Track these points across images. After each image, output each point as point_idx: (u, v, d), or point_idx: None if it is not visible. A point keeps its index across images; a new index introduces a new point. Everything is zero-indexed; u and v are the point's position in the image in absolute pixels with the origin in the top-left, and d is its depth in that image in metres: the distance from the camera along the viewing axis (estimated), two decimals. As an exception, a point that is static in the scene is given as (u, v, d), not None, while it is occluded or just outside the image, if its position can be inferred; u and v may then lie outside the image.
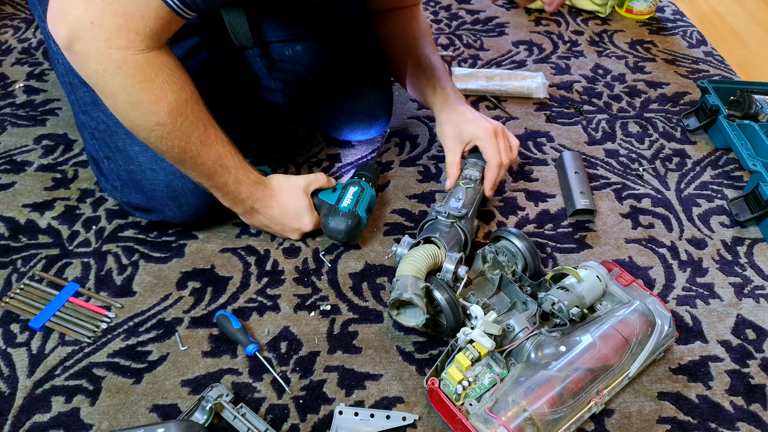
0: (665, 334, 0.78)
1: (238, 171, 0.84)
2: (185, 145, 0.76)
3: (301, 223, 0.92)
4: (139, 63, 0.68)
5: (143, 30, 0.66)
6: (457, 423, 0.69)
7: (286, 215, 0.91)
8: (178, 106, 0.72)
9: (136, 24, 0.65)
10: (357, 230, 0.92)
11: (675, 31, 1.57)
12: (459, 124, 0.97)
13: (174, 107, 0.72)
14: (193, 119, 0.75)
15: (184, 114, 0.74)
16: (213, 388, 0.74)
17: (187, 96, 0.74)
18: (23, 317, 0.83)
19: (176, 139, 0.75)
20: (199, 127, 0.76)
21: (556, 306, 0.77)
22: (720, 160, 1.17)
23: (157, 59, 0.69)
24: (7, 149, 1.09)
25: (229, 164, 0.82)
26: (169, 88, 0.71)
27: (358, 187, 0.95)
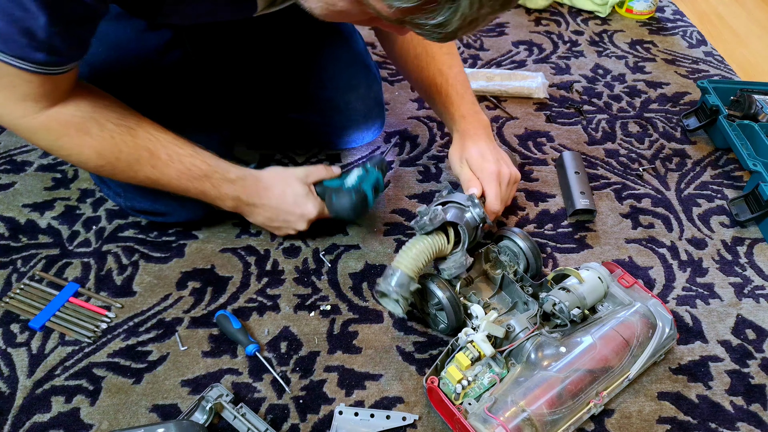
0: (666, 336, 0.78)
1: (213, 176, 0.82)
2: (137, 174, 0.78)
3: (304, 209, 0.88)
4: (44, 123, 0.71)
5: (29, 96, 0.68)
6: (455, 422, 0.69)
7: (285, 204, 0.87)
8: (104, 146, 0.74)
9: (18, 93, 0.68)
10: (363, 207, 0.89)
11: (675, 31, 1.58)
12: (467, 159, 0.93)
13: (100, 149, 0.74)
14: (130, 151, 0.75)
15: (115, 151, 0.74)
16: (213, 388, 0.74)
17: (113, 132, 0.74)
18: (23, 317, 0.83)
19: (125, 173, 0.77)
20: (141, 155, 0.76)
21: (557, 307, 0.77)
22: (720, 160, 1.17)
23: (61, 113, 0.71)
24: (7, 149, 1.09)
25: (197, 173, 0.80)
26: (87, 134, 0.72)
27: (363, 169, 0.91)
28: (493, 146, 0.93)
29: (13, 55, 0.63)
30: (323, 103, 1.04)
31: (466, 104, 0.95)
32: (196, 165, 0.80)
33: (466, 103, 0.95)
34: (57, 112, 0.71)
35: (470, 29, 0.53)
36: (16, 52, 0.62)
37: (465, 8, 0.49)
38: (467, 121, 0.94)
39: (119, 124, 0.75)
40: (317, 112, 1.05)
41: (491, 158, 0.90)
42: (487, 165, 0.89)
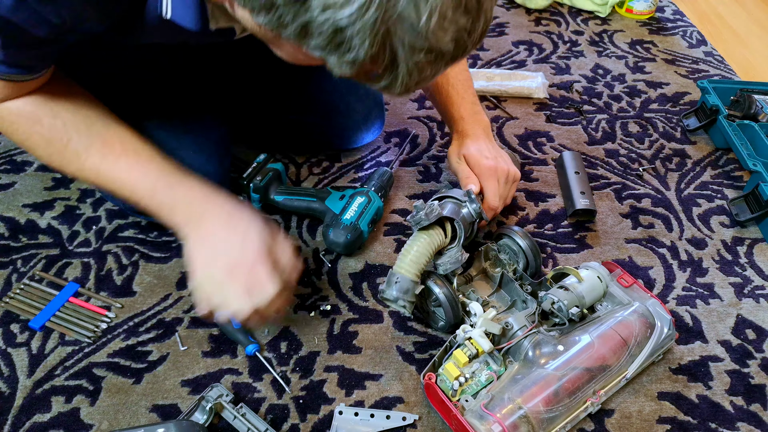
0: (665, 336, 0.78)
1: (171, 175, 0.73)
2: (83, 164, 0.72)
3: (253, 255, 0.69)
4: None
5: None
6: (452, 419, 0.69)
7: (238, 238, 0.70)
8: (53, 134, 0.71)
9: None
10: (356, 244, 0.92)
11: (675, 31, 1.58)
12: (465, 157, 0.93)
13: (49, 136, 0.71)
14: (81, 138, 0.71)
15: (64, 138, 0.71)
16: (213, 388, 0.74)
17: (66, 120, 0.71)
18: (23, 317, 0.83)
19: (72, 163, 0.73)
20: (93, 142, 0.72)
21: (555, 305, 0.77)
22: (720, 160, 1.17)
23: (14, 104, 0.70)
24: (7, 149, 1.09)
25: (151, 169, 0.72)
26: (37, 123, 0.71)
27: (366, 198, 0.94)
28: (492, 145, 0.93)
29: None
30: (323, 105, 1.04)
31: (466, 105, 0.95)
32: (153, 161, 0.73)
33: (467, 103, 0.95)
34: (10, 103, 0.70)
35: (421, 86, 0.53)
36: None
37: (404, 76, 0.49)
38: (466, 122, 0.94)
39: (76, 113, 0.72)
40: (317, 114, 1.05)
41: (489, 155, 0.91)
42: (484, 161, 0.90)
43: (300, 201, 0.96)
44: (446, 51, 0.48)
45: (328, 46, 0.47)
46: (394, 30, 0.45)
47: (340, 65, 0.49)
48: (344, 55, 0.47)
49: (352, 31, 0.45)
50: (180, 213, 0.72)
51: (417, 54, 0.47)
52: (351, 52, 0.46)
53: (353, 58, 0.47)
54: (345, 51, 0.47)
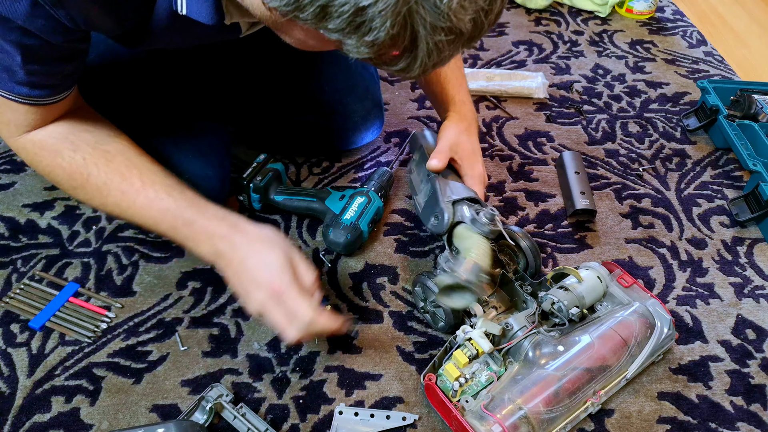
0: (665, 337, 0.78)
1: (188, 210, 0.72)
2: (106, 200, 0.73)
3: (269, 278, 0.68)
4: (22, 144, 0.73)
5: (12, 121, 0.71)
6: (452, 419, 0.69)
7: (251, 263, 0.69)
8: (74, 169, 0.72)
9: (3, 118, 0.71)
10: (356, 244, 0.92)
11: (675, 31, 1.57)
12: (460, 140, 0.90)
13: (71, 171, 0.72)
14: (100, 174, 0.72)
15: (85, 173, 0.72)
16: (213, 388, 0.74)
17: (86, 154, 0.72)
18: (23, 317, 0.83)
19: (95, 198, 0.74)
20: (112, 178, 0.72)
21: (555, 305, 0.77)
22: (720, 160, 1.17)
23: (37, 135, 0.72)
24: (7, 149, 1.09)
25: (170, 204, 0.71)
26: (59, 156, 0.72)
27: (366, 198, 0.94)
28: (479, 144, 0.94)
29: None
30: (322, 106, 1.04)
31: (463, 91, 0.94)
32: (172, 195, 0.72)
33: (464, 90, 0.95)
34: (34, 134, 0.72)
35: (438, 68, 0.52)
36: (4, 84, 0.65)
37: (423, 57, 0.49)
38: (467, 108, 0.93)
39: (95, 147, 0.73)
40: (316, 115, 1.05)
41: (480, 159, 0.90)
42: (477, 166, 0.89)
43: (300, 201, 0.96)
44: (465, 31, 0.48)
45: (347, 27, 0.46)
46: (416, 9, 0.45)
47: (358, 47, 0.48)
48: (364, 37, 0.46)
49: (373, 11, 0.44)
50: (204, 247, 0.72)
51: (438, 34, 0.46)
52: (371, 33, 0.46)
53: (373, 40, 0.46)
54: (365, 32, 0.46)
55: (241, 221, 0.72)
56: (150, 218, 0.73)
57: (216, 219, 0.71)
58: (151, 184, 0.72)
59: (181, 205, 0.71)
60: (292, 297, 0.67)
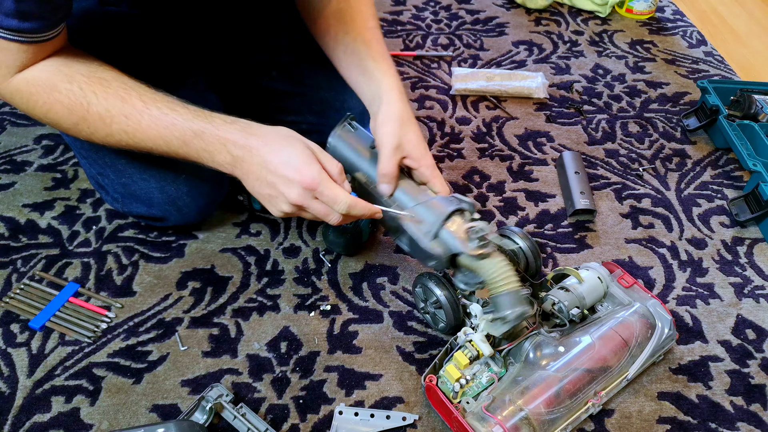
0: (665, 337, 0.78)
1: (195, 121, 0.70)
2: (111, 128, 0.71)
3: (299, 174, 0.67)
4: (16, 86, 0.69)
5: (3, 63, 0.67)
6: (453, 421, 0.69)
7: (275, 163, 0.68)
8: (72, 101, 0.69)
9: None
10: (357, 244, 0.91)
11: (675, 31, 1.57)
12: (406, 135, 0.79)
13: (69, 104, 0.69)
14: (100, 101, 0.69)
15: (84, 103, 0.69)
16: (213, 388, 0.74)
17: (81, 83, 0.69)
18: (23, 317, 0.83)
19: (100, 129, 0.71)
20: (113, 103, 0.69)
21: (556, 306, 0.77)
22: (720, 160, 1.17)
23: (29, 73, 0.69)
24: (7, 149, 1.09)
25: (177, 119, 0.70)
26: (55, 90, 0.69)
27: None
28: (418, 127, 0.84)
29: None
30: (319, 104, 1.04)
31: (393, 71, 0.83)
32: (176, 110, 0.70)
33: (394, 70, 0.83)
34: (26, 73, 0.69)
35: None
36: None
37: None
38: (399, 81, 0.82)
39: (90, 75, 0.70)
40: (314, 113, 1.05)
41: (426, 145, 0.80)
42: (428, 155, 0.79)
43: None
44: None
45: None
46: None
47: None
48: None
49: None
50: (220, 156, 0.70)
51: None
52: None
53: None
54: None
55: (252, 124, 0.70)
56: (159, 137, 0.70)
57: (226, 124, 0.70)
58: (153, 101, 0.70)
59: (188, 118, 0.70)
60: (327, 186, 0.67)
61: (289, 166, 0.67)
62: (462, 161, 1.13)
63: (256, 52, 1.00)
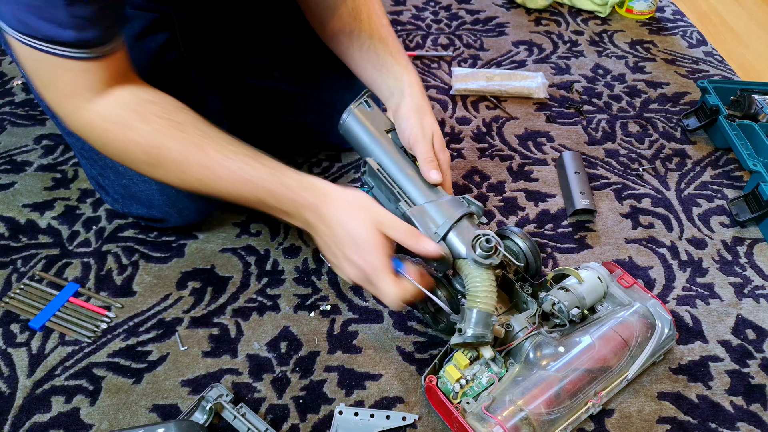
0: (665, 337, 0.78)
1: (270, 180, 0.68)
2: (186, 175, 0.69)
3: (362, 258, 0.67)
4: (89, 119, 0.67)
5: (72, 89, 0.65)
6: (453, 421, 0.69)
7: (342, 239, 0.67)
8: (148, 141, 0.68)
9: (62, 88, 0.65)
10: None
11: (675, 31, 1.57)
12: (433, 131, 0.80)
13: (145, 144, 0.68)
14: (176, 146, 0.68)
15: (160, 146, 0.67)
16: (213, 388, 0.74)
17: (156, 125, 0.67)
18: (23, 317, 0.83)
19: (173, 173, 0.69)
20: (189, 150, 0.68)
21: (556, 306, 0.77)
22: (720, 160, 1.17)
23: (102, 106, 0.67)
24: (7, 149, 1.09)
25: (251, 174, 0.68)
26: (130, 129, 0.67)
27: None
28: None
29: (42, 39, 0.60)
30: (320, 104, 1.04)
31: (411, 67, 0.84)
32: (252, 166, 0.68)
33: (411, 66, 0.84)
34: (99, 106, 0.66)
35: None
36: (43, 33, 0.59)
37: None
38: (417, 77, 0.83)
39: (164, 117, 0.68)
40: (314, 113, 1.05)
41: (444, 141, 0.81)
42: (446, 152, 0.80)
43: None
44: None
45: None
46: None
47: None
48: None
49: None
50: (293, 219, 0.71)
51: None
52: None
53: None
54: None
55: (326, 188, 0.69)
56: (234, 191, 0.69)
57: (300, 189, 0.68)
58: (229, 154, 0.68)
59: (263, 176, 0.68)
60: (379, 279, 0.66)
61: (352, 247, 0.67)
62: (462, 161, 1.13)
63: (257, 52, 1.00)
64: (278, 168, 0.69)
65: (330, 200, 0.68)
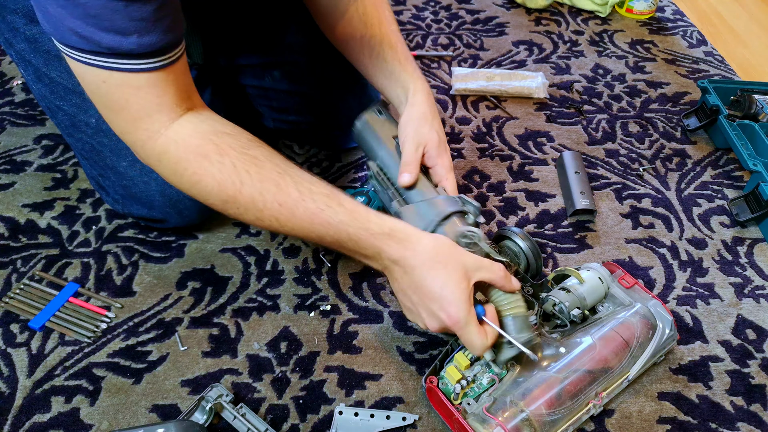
0: (666, 337, 0.78)
1: (351, 224, 0.66)
2: (262, 214, 0.65)
3: (445, 308, 0.64)
4: (164, 146, 0.64)
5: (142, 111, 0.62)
6: (454, 422, 0.69)
7: (425, 286, 0.65)
8: (224, 176, 0.64)
9: (132, 111, 0.62)
10: None
11: (675, 31, 1.57)
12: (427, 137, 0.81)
13: (221, 178, 0.64)
14: (254, 183, 0.64)
15: (237, 182, 0.64)
16: (213, 388, 0.74)
17: (234, 159, 0.64)
18: (23, 317, 0.83)
19: (249, 211, 0.66)
20: (267, 188, 0.64)
21: (557, 307, 0.77)
22: (720, 160, 1.17)
23: (179, 133, 0.63)
24: (6, 149, 1.09)
25: (332, 218, 0.65)
26: (206, 159, 0.63)
27: (366, 198, 0.94)
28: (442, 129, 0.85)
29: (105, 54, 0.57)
30: (320, 104, 1.04)
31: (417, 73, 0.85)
32: (332, 207, 0.65)
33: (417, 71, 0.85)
34: (175, 134, 0.63)
35: None
36: (106, 45, 0.56)
37: None
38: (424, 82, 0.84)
39: (242, 151, 0.65)
40: (313, 113, 1.05)
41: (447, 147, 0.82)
42: (445, 156, 0.81)
43: None
44: None
45: None
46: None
47: None
48: None
49: None
50: (373, 263, 0.69)
51: None
52: None
53: None
54: None
55: (409, 234, 0.66)
56: (312, 231, 0.67)
57: (381, 235, 0.65)
58: (308, 193, 0.65)
59: (344, 219, 0.65)
60: (467, 332, 0.64)
61: (436, 301, 0.64)
62: (462, 161, 1.13)
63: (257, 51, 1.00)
64: (358, 209, 0.67)
65: (414, 248, 0.65)
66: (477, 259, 0.66)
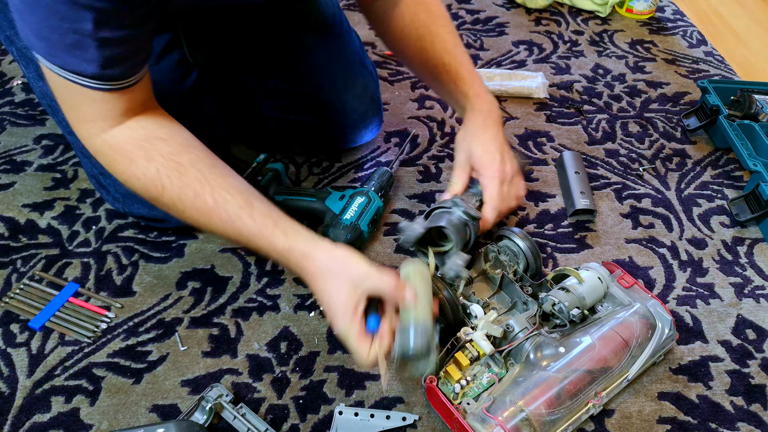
0: (665, 337, 0.78)
1: (260, 237, 0.70)
2: (183, 215, 0.71)
3: (333, 322, 0.69)
4: (99, 147, 0.70)
5: (91, 117, 0.67)
6: (454, 422, 0.69)
7: (322, 301, 0.70)
8: (148, 180, 0.69)
9: (82, 114, 0.68)
10: (356, 244, 0.91)
11: (675, 31, 1.57)
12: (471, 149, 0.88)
13: (145, 182, 0.69)
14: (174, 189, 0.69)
15: (158, 186, 0.69)
16: (213, 388, 0.74)
17: (159, 165, 0.68)
18: (23, 317, 0.83)
19: (172, 210, 0.71)
20: (186, 194, 0.69)
21: (556, 307, 0.77)
22: (720, 160, 1.17)
23: (114, 137, 0.69)
24: (6, 149, 1.09)
25: (242, 229, 0.69)
26: (133, 164, 0.69)
27: (366, 198, 0.94)
28: (502, 138, 0.89)
29: (68, 71, 0.62)
30: (320, 104, 1.04)
31: (478, 82, 0.90)
32: (242, 219, 0.69)
33: (478, 81, 0.90)
34: (111, 137, 0.69)
35: None
36: (70, 67, 0.62)
37: None
38: (483, 100, 0.89)
39: (169, 158, 0.69)
40: (314, 113, 1.05)
41: (498, 156, 0.86)
42: (491, 166, 0.85)
43: (300, 201, 0.96)
44: None
45: None
46: None
47: None
48: None
49: None
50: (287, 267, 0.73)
51: None
52: None
53: None
54: None
55: (311, 245, 0.69)
56: (230, 237, 0.71)
57: (284, 250, 0.69)
58: (224, 204, 0.69)
59: (253, 232, 0.69)
60: (348, 344, 0.68)
61: (328, 310, 0.69)
62: (462, 161, 1.13)
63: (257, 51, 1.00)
64: (266, 223, 0.69)
65: (312, 261, 0.69)
66: (367, 271, 0.67)
